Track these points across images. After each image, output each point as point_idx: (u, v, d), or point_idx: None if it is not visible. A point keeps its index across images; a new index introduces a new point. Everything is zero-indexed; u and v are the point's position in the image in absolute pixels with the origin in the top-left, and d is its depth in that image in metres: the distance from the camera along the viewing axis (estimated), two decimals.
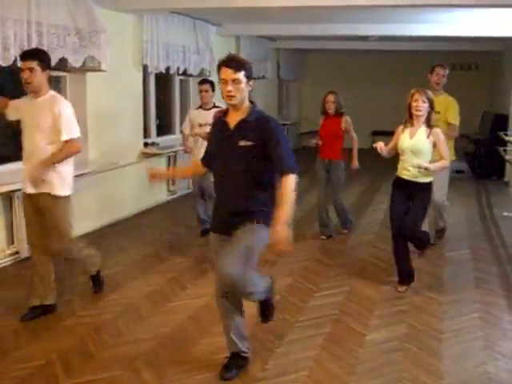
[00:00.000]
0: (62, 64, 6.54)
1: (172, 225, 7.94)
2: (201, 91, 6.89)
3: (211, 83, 6.89)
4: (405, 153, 5.34)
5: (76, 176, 5.76)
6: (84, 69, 6.88)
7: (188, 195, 9.66)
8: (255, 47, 12.55)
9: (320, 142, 7.13)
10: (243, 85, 3.56)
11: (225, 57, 3.63)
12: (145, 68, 8.45)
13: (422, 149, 5.27)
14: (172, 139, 9.93)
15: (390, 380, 3.87)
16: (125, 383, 3.79)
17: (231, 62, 3.55)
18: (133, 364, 4.01)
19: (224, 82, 3.55)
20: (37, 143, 4.60)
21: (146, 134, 9.03)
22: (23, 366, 3.96)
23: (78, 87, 7.13)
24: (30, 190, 4.68)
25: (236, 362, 3.94)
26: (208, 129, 6.38)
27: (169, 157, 9.24)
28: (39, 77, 4.53)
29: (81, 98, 7.05)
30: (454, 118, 6.66)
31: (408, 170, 5.33)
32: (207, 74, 10.01)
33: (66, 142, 4.58)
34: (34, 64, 4.49)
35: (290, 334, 4.52)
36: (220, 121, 3.77)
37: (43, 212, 4.71)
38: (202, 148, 6.43)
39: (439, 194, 6.48)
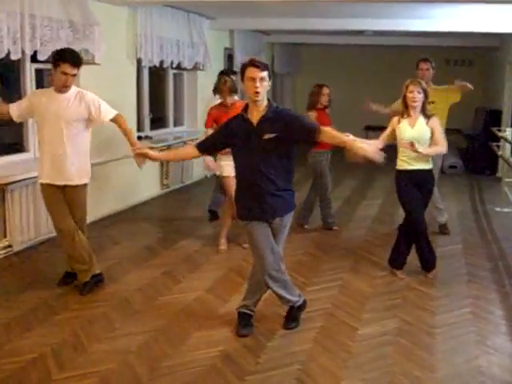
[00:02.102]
0: None
1: (165, 219, 7.93)
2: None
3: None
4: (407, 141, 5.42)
5: None
6: None
7: (181, 189, 9.67)
8: (249, 41, 12.52)
9: None
10: (267, 83, 4.06)
11: (250, 58, 4.16)
12: (139, 61, 8.43)
13: (424, 137, 5.42)
14: (165, 133, 9.92)
15: (382, 374, 3.89)
16: (117, 377, 3.79)
17: (257, 62, 4.05)
18: (126, 357, 4.02)
19: (252, 80, 4.01)
20: (64, 135, 4.86)
21: (140, 127, 9.01)
22: (15, 359, 3.95)
23: None
24: (57, 182, 4.95)
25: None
26: None
27: (162, 151, 9.21)
28: (75, 79, 4.93)
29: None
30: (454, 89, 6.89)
31: (410, 159, 5.45)
32: (201, 67, 10.01)
33: (114, 118, 5.14)
34: (77, 71, 4.86)
35: (283, 328, 4.53)
36: (242, 118, 4.17)
37: (67, 200, 5.01)
38: None
39: None
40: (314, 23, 10.34)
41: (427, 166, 5.52)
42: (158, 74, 9.82)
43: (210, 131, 5.89)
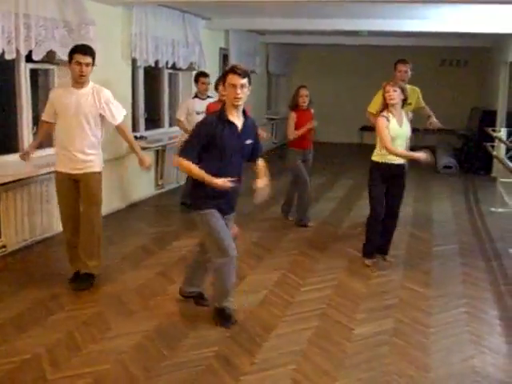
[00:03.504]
0: (50, 56, 6.50)
1: (160, 219, 7.92)
2: (203, 83, 8.07)
3: (208, 76, 8.18)
4: (397, 139, 5.77)
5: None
6: None
7: (176, 189, 9.65)
8: (244, 41, 12.53)
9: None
10: (247, 89, 4.26)
11: (231, 66, 4.37)
12: (133, 61, 8.42)
13: (410, 133, 5.98)
14: (160, 133, 9.90)
15: (377, 374, 3.89)
16: (112, 377, 3.78)
17: (238, 70, 4.23)
18: (120, 358, 4.01)
19: (234, 86, 4.20)
20: (81, 129, 5.11)
21: (135, 127, 8.99)
22: (10, 359, 3.94)
23: (67, 80, 7.07)
24: (72, 171, 5.19)
25: None
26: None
27: (157, 151, 9.21)
28: (90, 70, 5.14)
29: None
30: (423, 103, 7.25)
31: (391, 155, 5.81)
32: (196, 67, 9.99)
33: (119, 125, 5.34)
34: (90, 59, 5.09)
35: (278, 328, 4.53)
36: (224, 120, 4.30)
37: (83, 189, 5.23)
38: None
39: None
40: (309, 24, 10.35)
41: (402, 161, 5.94)
42: (152, 74, 9.80)
43: None
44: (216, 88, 7.28)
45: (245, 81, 4.22)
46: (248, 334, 4.41)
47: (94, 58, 5.15)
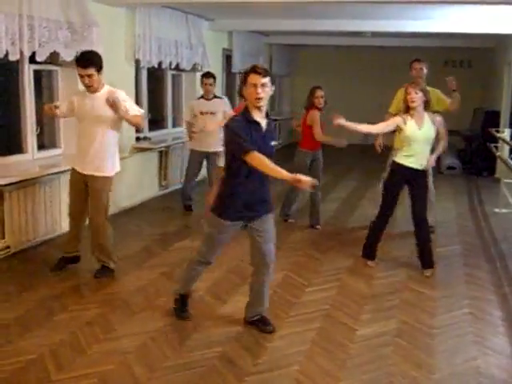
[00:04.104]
0: (54, 58, 6.52)
1: (163, 219, 7.92)
2: (206, 84, 7.96)
3: (214, 77, 8.07)
4: (416, 142, 5.69)
5: (68, 170, 5.77)
6: None
7: (180, 190, 9.65)
8: (248, 42, 12.54)
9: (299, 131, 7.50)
10: (268, 88, 4.10)
11: (252, 65, 4.20)
12: (137, 62, 8.42)
13: (431, 137, 5.75)
14: (164, 134, 9.91)
15: (380, 375, 3.89)
16: (116, 378, 3.79)
17: (259, 69, 4.10)
18: (124, 359, 4.01)
19: (254, 86, 4.06)
20: (97, 132, 5.27)
21: (138, 128, 8.98)
22: (14, 360, 3.95)
23: (70, 81, 7.08)
24: (84, 171, 5.39)
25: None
26: (210, 117, 7.85)
27: (161, 152, 9.22)
28: (97, 79, 5.19)
29: (72, 92, 7.00)
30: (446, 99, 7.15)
31: (417, 159, 5.73)
32: (199, 68, 10.00)
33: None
34: (92, 70, 5.13)
35: (282, 329, 4.53)
36: (250, 119, 4.15)
37: (89, 189, 5.42)
38: (208, 136, 7.80)
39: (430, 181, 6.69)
40: (312, 24, 10.35)
41: (422, 165, 5.80)
42: (156, 75, 9.81)
43: None
44: (240, 94, 6.96)
45: (266, 80, 4.07)
46: (252, 335, 4.42)
47: (97, 65, 5.18)
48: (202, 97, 8.12)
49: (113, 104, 5.17)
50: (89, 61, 5.15)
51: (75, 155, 5.56)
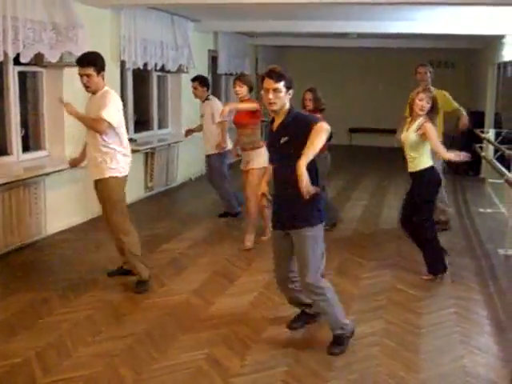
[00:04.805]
0: (39, 59, 6.46)
1: (149, 221, 7.89)
2: (192, 87, 7.98)
3: (200, 80, 7.98)
4: (405, 146, 5.69)
5: (53, 172, 5.76)
6: (61, 64, 6.79)
7: (166, 192, 9.64)
8: (234, 43, 12.53)
9: None
10: (283, 94, 4.01)
11: (267, 68, 4.16)
12: (122, 64, 8.40)
13: (412, 140, 5.57)
14: (149, 135, 9.89)
15: (367, 375, 3.90)
16: (103, 380, 3.77)
17: (272, 73, 4.04)
18: (111, 361, 4.00)
19: (266, 90, 4.02)
20: (91, 135, 5.24)
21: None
22: (0, 364, 3.91)
23: (55, 83, 7.06)
24: (91, 176, 5.38)
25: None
26: (202, 120, 7.93)
27: (146, 153, 9.19)
28: (95, 80, 5.11)
29: (57, 93, 6.96)
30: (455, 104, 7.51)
31: (409, 162, 5.69)
32: (185, 70, 9.99)
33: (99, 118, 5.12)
34: (91, 70, 5.06)
35: (269, 330, 4.53)
36: (271, 124, 4.17)
37: (97, 193, 5.43)
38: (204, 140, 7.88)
39: None
40: (298, 26, 10.37)
41: (416, 169, 5.71)
42: (141, 77, 9.78)
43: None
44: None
45: (279, 85, 3.99)
46: (238, 336, 4.41)
47: (97, 66, 5.09)
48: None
49: (60, 102, 5.41)
50: (88, 60, 5.09)
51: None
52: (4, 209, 6.07)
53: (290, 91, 4.07)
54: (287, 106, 4.08)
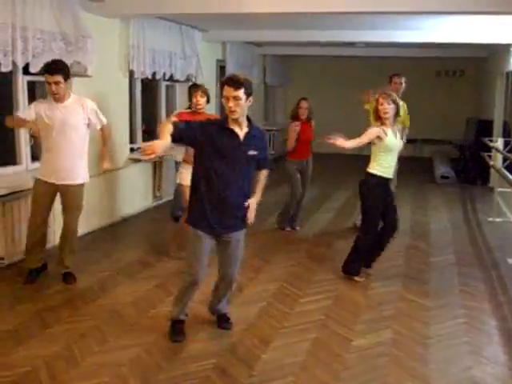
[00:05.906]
0: None
1: (157, 231, 7.89)
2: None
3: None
4: (393, 152, 5.75)
5: None
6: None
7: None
8: (241, 53, 12.57)
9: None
10: (242, 101, 4.02)
11: (226, 76, 4.20)
12: (131, 73, 8.44)
13: (401, 146, 5.98)
14: None
15: None
16: None
17: (231, 81, 4.02)
18: (119, 370, 3.99)
19: (226, 98, 4.02)
20: (69, 139, 5.34)
21: (132, 139, 8.99)
22: (7, 373, 3.92)
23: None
24: (58, 181, 5.43)
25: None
26: None
27: (154, 162, 9.20)
28: (63, 87, 5.24)
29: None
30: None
31: (388, 170, 5.77)
32: (193, 79, 10.02)
33: (106, 125, 5.71)
34: (60, 78, 5.18)
35: (277, 340, 4.52)
36: (227, 129, 4.12)
37: (65, 198, 5.54)
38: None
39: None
40: (305, 35, 10.40)
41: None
42: (150, 86, 9.82)
43: None
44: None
45: (238, 93, 3.97)
46: (246, 346, 4.40)
47: (65, 74, 5.23)
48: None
49: (107, 170, 6.13)
50: (56, 68, 5.21)
51: (43, 166, 5.54)
52: (13, 218, 6.09)
53: (250, 98, 4.09)
54: (246, 113, 4.16)
